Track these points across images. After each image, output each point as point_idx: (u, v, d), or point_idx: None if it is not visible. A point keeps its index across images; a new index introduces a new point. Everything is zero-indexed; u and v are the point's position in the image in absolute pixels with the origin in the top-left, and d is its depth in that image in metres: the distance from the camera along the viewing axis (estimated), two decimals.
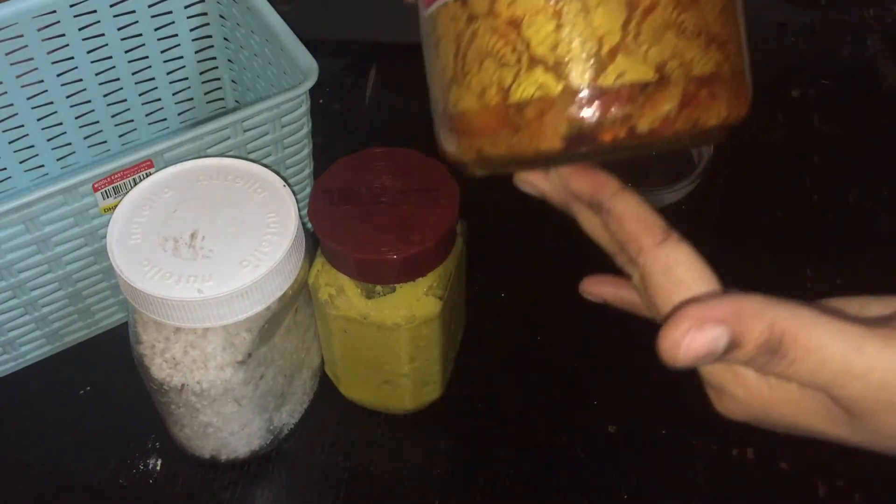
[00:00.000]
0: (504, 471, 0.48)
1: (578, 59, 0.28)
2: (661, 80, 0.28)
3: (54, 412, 0.51)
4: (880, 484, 0.47)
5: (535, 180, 0.34)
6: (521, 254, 0.58)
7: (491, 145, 0.30)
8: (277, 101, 0.48)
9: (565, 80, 0.28)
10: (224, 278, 0.40)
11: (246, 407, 0.45)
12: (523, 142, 0.29)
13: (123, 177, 0.45)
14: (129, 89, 0.59)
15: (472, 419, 0.50)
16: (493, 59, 0.29)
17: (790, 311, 0.28)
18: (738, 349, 0.27)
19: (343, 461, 0.49)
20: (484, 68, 0.29)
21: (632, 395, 0.51)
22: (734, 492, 0.47)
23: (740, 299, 0.28)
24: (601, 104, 0.28)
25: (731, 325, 0.27)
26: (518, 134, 0.29)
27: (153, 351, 0.43)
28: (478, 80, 0.29)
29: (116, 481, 0.48)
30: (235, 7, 0.56)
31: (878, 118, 0.66)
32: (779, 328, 0.27)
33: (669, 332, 0.28)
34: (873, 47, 0.71)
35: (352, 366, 0.48)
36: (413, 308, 0.43)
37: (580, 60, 0.28)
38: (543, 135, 0.29)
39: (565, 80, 0.28)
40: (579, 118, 0.28)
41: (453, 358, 0.51)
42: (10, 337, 0.50)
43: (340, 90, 0.68)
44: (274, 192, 0.44)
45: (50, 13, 0.53)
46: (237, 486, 0.48)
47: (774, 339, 0.27)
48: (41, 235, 0.45)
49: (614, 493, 0.47)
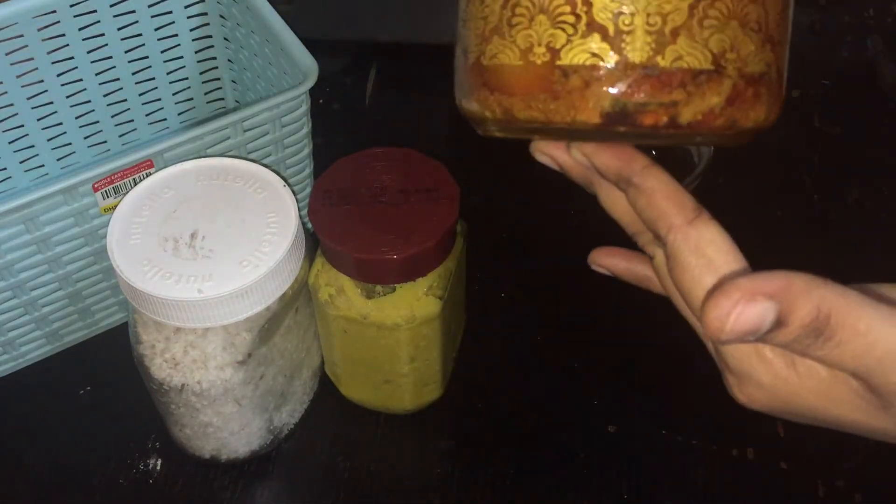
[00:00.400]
0: (504, 471, 0.48)
1: (639, 34, 0.27)
2: (716, 71, 0.27)
3: (54, 412, 0.51)
4: (880, 484, 0.47)
5: (555, 152, 0.33)
6: (521, 254, 0.58)
7: (524, 107, 0.29)
8: (277, 101, 0.48)
9: (620, 53, 0.27)
10: (224, 278, 0.40)
11: (246, 407, 0.45)
12: (560, 110, 0.28)
13: (123, 177, 0.45)
14: (129, 89, 0.59)
15: (472, 419, 0.50)
16: (549, 15, 0.27)
17: (839, 292, 0.27)
18: (784, 327, 0.27)
19: (343, 461, 0.49)
20: (536, 23, 0.28)
21: (632, 395, 0.51)
22: (734, 492, 0.47)
23: (790, 275, 0.27)
24: (651, 85, 0.27)
25: (780, 302, 0.26)
26: (557, 101, 0.28)
27: (153, 351, 0.43)
28: (525, 35, 0.28)
29: (116, 481, 0.48)
30: (235, 7, 0.56)
31: (878, 118, 0.66)
32: (826, 308, 0.26)
33: (719, 301, 0.27)
34: (873, 47, 0.71)
35: (352, 366, 0.48)
36: (413, 308, 0.43)
37: (641, 35, 0.27)
38: (583, 106, 0.28)
39: (621, 52, 0.27)
40: (627, 95, 0.27)
41: (453, 358, 0.51)
42: (10, 337, 0.50)
43: (340, 90, 0.68)
44: (274, 192, 0.44)
45: (50, 13, 0.53)
46: (237, 486, 0.48)
47: (822, 320, 0.26)
48: (41, 235, 0.45)
49: (614, 493, 0.47)
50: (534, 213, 0.60)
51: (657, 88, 0.27)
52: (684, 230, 0.29)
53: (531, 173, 0.42)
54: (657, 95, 0.27)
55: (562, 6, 0.27)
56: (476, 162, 0.62)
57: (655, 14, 0.27)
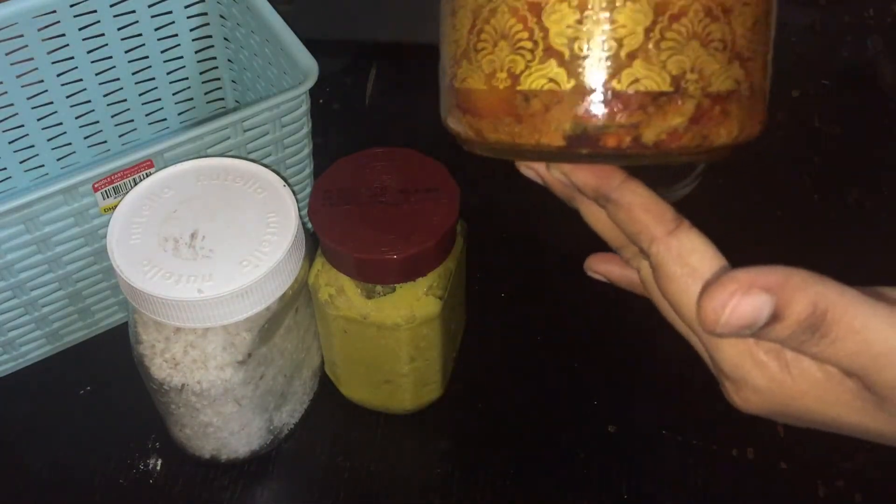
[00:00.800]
0: (504, 471, 0.48)
1: (594, 58, 0.27)
2: (676, 92, 0.27)
3: (54, 412, 0.51)
4: (880, 484, 0.47)
5: (537, 168, 0.33)
6: (522, 253, 0.58)
7: (492, 129, 0.29)
8: (277, 101, 0.48)
9: (577, 78, 0.27)
10: (224, 278, 0.40)
11: (246, 407, 0.45)
12: (524, 132, 0.28)
13: (123, 177, 0.45)
14: (129, 89, 0.59)
15: (472, 419, 0.50)
16: (509, 41, 0.28)
17: (836, 289, 0.27)
18: (780, 322, 0.27)
19: (343, 461, 0.49)
20: (498, 49, 0.28)
21: (632, 395, 0.51)
22: (734, 492, 0.47)
23: (788, 270, 0.27)
24: (609, 108, 0.27)
25: (777, 296, 0.26)
26: (521, 124, 0.28)
27: (153, 351, 0.43)
28: (489, 61, 0.28)
29: (116, 481, 0.48)
30: (235, 7, 0.56)
31: (878, 118, 0.66)
32: (823, 305, 0.26)
33: (715, 293, 0.27)
34: (873, 47, 0.71)
35: (352, 366, 0.48)
36: (413, 308, 0.43)
37: (596, 59, 0.27)
38: (546, 129, 0.28)
39: (577, 77, 0.27)
40: (585, 119, 0.27)
41: (453, 358, 0.51)
42: (10, 337, 0.50)
43: (340, 90, 0.68)
44: (274, 192, 0.44)
45: (50, 13, 0.53)
46: (237, 486, 0.48)
47: (818, 316, 0.26)
48: (41, 235, 0.45)
49: (614, 493, 0.47)
50: (534, 213, 0.60)
51: (616, 111, 0.27)
52: (666, 241, 0.30)
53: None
54: (616, 118, 0.27)
55: (520, 32, 0.27)
56: (476, 162, 0.62)
57: (610, 38, 0.27)
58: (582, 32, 0.27)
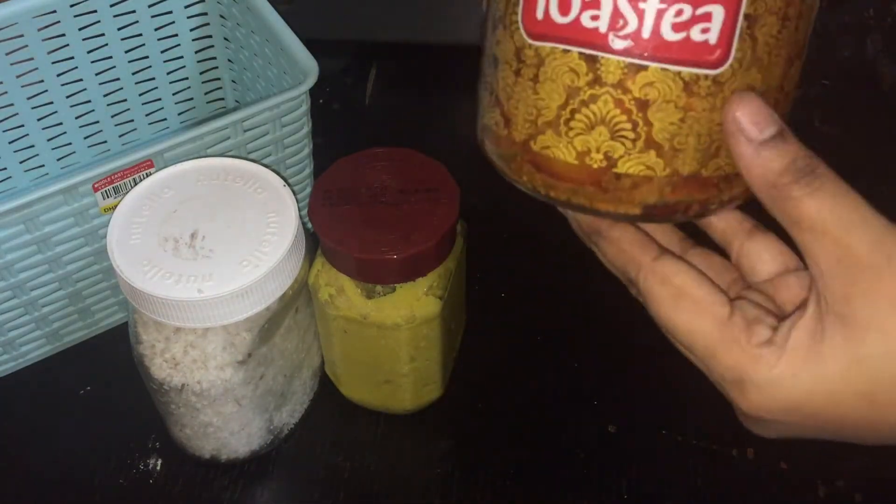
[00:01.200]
0: (504, 471, 0.48)
1: (691, 152, 0.30)
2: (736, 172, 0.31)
3: (54, 412, 0.51)
4: (880, 484, 0.47)
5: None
6: (522, 254, 0.58)
7: (570, 193, 0.31)
8: (277, 101, 0.48)
9: (673, 167, 0.30)
10: (224, 278, 0.40)
11: (246, 407, 0.45)
12: (605, 201, 0.31)
13: (123, 177, 0.45)
14: (130, 89, 0.59)
15: (472, 419, 0.50)
16: (608, 127, 0.30)
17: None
18: (786, 142, 0.29)
19: (343, 461, 0.49)
20: (595, 132, 0.30)
21: (632, 395, 0.51)
22: (734, 492, 0.47)
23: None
24: (692, 188, 0.31)
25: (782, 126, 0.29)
26: (605, 194, 0.31)
27: (153, 351, 0.43)
28: (583, 141, 0.30)
29: (116, 481, 0.48)
30: (235, 7, 0.56)
31: (878, 118, 0.66)
32: (817, 161, 0.30)
33: (734, 98, 0.29)
34: (873, 47, 0.71)
35: (352, 366, 0.48)
36: (413, 308, 0.43)
37: (692, 152, 0.30)
38: (629, 201, 0.31)
39: (672, 166, 0.30)
40: (670, 196, 0.31)
41: (453, 358, 0.51)
42: (10, 337, 0.50)
43: (340, 90, 0.68)
44: (274, 192, 0.44)
45: (50, 13, 0.53)
46: (237, 486, 0.48)
47: (811, 162, 0.29)
48: (41, 235, 0.45)
49: (614, 493, 0.47)
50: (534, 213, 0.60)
51: (697, 190, 0.31)
52: (651, 266, 0.32)
53: None
54: (696, 195, 0.31)
55: (623, 123, 0.29)
56: (476, 162, 0.62)
57: (706, 135, 0.30)
58: (683, 130, 0.29)
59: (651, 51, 0.28)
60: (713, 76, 0.29)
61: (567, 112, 0.30)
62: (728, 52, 0.29)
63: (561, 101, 0.30)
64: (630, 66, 0.28)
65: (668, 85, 0.29)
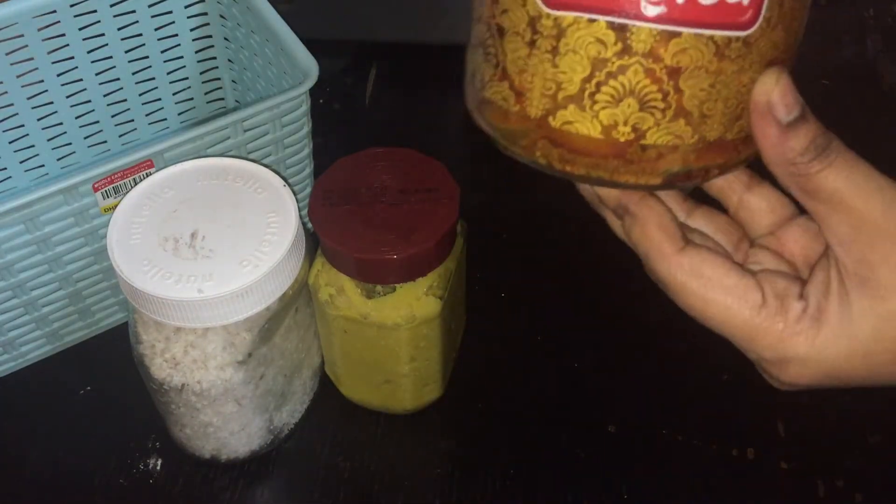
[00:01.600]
0: (504, 471, 0.48)
1: (719, 117, 0.29)
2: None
3: (54, 412, 0.51)
4: (880, 484, 0.47)
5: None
6: (521, 254, 0.58)
7: (591, 167, 0.30)
8: (277, 101, 0.48)
9: (701, 133, 0.29)
10: (224, 278, 0.40)
11: (246, 407, 0.45)
12: (629, 173, 0.30)
13: (123, 177, 0.45)
14: (130, 89, 0.59)
15: (472, 419, 0.50)
16: (637, 99, 0.29)
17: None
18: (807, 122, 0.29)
19: (343, 461, 0.49)
20: (623, 105, 0.29)
21: (632, 395, 0.51)
22: (734, 492, 0.47)
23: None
24: (715, 152, 0.30)
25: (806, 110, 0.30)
26: (630, 165, 0.30)
27: (153, 351, 0.43)
28: (610, 114, 0.29)
29: (116, 481, 0.48)
30: (236, 7, 0.56)
31: (878, 118, 0.66)
32: (831, 135, 0.30)
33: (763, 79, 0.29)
34: (873, 47, 0.71)
35: (352, 366, 0.48)
36: (413, 308, 0.43)
37: (720, 117, 0.29)
38: (652, 172, 0.30)
39: (700, 132, 0.29)
40: (695, 162, 0.30)
41: (453, 358, 0.51)
42: (11, 337, 0.50)
43: (341, 90, 0.68)
44: (274, 191, 0.44)
45: (50, 13, 0.53)
46: (237, 486, 0.48)
47: (828, 138, 0.30)
48: (41, 235, 0.45)
49: (614, 493, 0.47)
50: (534, 213, 0.60)
51: (719, 154, 0.30)
52: (677, 259, 0.32)
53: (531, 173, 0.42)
54: (718, 160, 0.31)
55: (653, 93, 0.29)
56: (476, 162, 0.62)
57: (733, 98, 0.29)
58: (713, 95, 0.29)
59: (686, 15, 0.27)
60: (744, 38, 0.28)
61: (592, 85, 0.29)
62: (759, 12, 0.28)
63: (585, 74, 0.29)
64: (663, 33, 0.27)
65: (700, 50, 0.28)
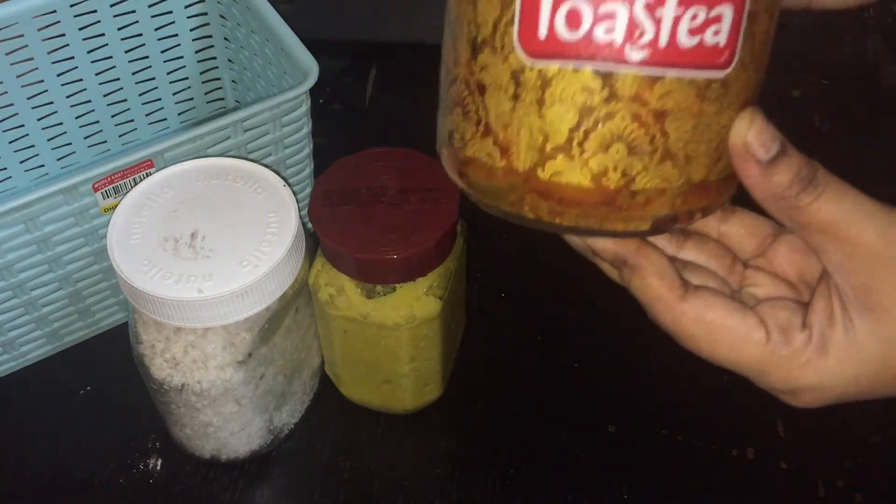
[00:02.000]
0: (504, 471, 0.48)
1: (702, 158, 0.30)
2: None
3: (54, 412, 0.51)
4: (880, 484, 0.47)
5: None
6: (522, 254, 0.58)
7: (579, 216, 0.30)
8: (278, 101, 0.48)
9: (686, 176, 0.30)
10: (224, 278, 0.40)
11: (246, 407, 0.45)
12: (618, 220, 0.30)
13: (123, 177, 0.45)
14: (130, 89, 0.59)
15: (472, 419, 0.50)
16: (625, 143, 0.29)
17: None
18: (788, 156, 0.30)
19: (343, 461, 0.49)
20: (612, 151, 0.29)
21: (632, 395, 0.51)
22: (734, 492, 0.47)
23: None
24: (701, 194, 0.30)
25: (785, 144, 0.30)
26: (617, 213, 0.30)
27: (153, 351, 0.43)
28: (599, 161, 0.29)
29: (116, 481, 0.48)
30: (236, 7, 0.56)
31: (878, 118, 0.66)
32: (815, 164, 0.30)
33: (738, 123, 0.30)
34: (873, 47, 0.71)
35: (352, 366, 0.48)
36: (413, 308, 0.43)
37: (703, 159, 0.30)
38: (641, 217, 0.30)
39: (687, 175, 0.30)
40: (682, 206, 0.30)
41: (453, 358, 0.51)
42: (11, 337, 0.50)
43: (341, 90, 0.68)
44: (274, 191, 0.44)
45: (50, 13, 0.53)
46: (237, 486, 0.48)
47: (812, 168, 0.30)
48: (41, 235, 0.45)
49: (614, 493, 0.47)
50: None
51: (703, 196, 0.31)
52: (680, 307, 0.33)
53: None
54: (702, 202, 0.31)
55: (640, 137, 0.29)
56: None
57: (714, 139, 0.30)
58: (696, 137, 0.29)
59: (668, 58, 0.28)
60: (722, 78, 0.29)
61: (580, 134, 0.29)
62: (734, 52, 0.28)
63: (573, 123, 0.29)
64: (647, 77, 0.28)
65: (683, 92, 0.28)
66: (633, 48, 0.27)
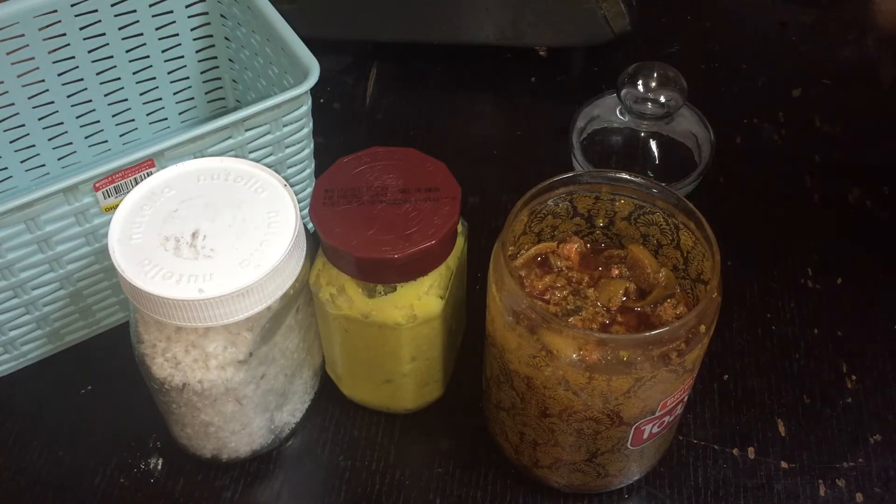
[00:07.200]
0: (504, 471, 0.48)
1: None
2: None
3: (54, 412, 0.51)
4: (880, 484, 0.47)
5: None
6: None
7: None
8: (278, 101, 0.48)
9: None
10: (225, 278, 0.40)
11: (247, 406, 0.45)
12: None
13: (124, 176, 0.45)
14: (130, 89, 0.59)
15: (472, 419, 0.50)
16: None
17: None
18: None
19: (344, 460, 0.49)
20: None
21: None
22: (734, 492, 0.47)
23: None
24: None
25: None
26: None
27: (154, 350, 0.43)
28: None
29: (117, 481, 0.48)
30: (236, 6, 0.56)
31: (878, 118, 0.66)
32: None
33: None
34: (873, 47, 0.71)
35: (353, 365, 0.48)
36: (414, 307, 0.43)
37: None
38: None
39: None
40: None
41: (454, 357, 0.51)
42: (11, 336, 0.50)
43: (341, 90, 0.68)
44: (275, 191, 0.44)
45: (51, 13, 0.53)
46: (238, 486, 0.48)
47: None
48: (42, 235, 0.45)
49: (615, 493, 0.47)
50: None
51: None
52: None
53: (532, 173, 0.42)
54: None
55: None
56: (476, 161, 0.62)
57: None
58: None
59: None
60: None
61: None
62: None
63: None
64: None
65: None
66: None
